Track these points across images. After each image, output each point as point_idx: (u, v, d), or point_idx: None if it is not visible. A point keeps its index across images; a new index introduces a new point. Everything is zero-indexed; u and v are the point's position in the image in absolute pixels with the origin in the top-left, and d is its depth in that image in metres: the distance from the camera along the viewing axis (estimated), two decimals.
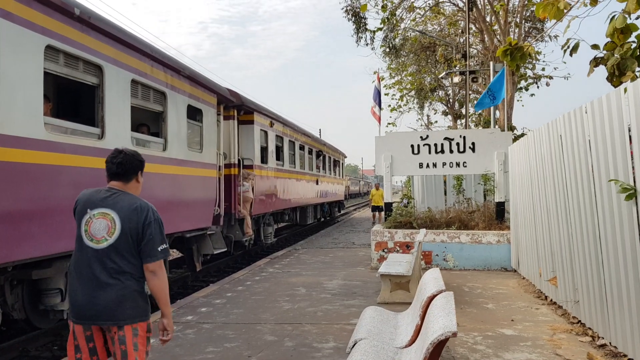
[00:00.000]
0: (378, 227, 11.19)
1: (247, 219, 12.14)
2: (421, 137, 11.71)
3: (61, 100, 8.00)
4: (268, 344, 5.56)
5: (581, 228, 5.65)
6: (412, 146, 11.57)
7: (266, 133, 14.05)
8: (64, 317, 6.33)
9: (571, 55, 5.90)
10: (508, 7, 17.12)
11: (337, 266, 10.96)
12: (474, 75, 18.38)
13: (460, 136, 11.54)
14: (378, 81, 13.96)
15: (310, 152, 20.25)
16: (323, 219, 25.71)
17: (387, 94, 26.33)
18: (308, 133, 20.13)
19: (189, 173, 9.00)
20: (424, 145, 11.55)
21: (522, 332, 5.81)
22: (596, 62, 5.99)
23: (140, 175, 3.26)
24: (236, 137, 12.07)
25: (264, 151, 13.93)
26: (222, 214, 10.74)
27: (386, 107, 27.03)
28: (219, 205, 10.50)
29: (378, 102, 13.57)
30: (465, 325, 6.07)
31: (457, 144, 11.39)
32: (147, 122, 8.50)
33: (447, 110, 28.13)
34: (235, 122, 12.04)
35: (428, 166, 11.54)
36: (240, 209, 11.77)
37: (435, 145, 11.51)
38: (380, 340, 3.97)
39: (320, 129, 58.56)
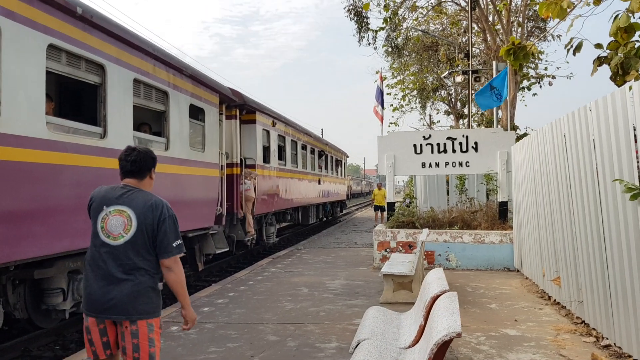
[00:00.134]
0: (380, 227, 11.17)
1: (249, 219, 12.11)
2: (424, 137, 11.67)
3: (63, 99, 8.00)
4: (270, 344, 5.55)
5: (585, 228, 5.61)
6: (415, 146, 11.53)
7: (268, 132, 14.03)
8: (66, 317, 6.33)
9: (574, 54, 5.87)
10: (510, 7, 17.09)
11: (340, 266, 10.94)
12: (477, 74, 18.35)
13: (463, 136, 11.50)
14: (380, 81, 13.96)
15: (312, 152, 20.22)
16: (325, 219, 25.69)
17: (390, 94, 26.33)
18: (310, 133, 20.10)
19: (191, 172, 8.99)
20: (427, 144, 11.51)
21: (526, 333, 5.79)
22: (600, 61, 5.97)
23: (153, 171, 3.31)
24: (238, 137, 12.04)
25: (266, 151, 13.91)
26: (225, 214, 10.73)
27: (388, 107, 27.07)
28: (221, 204, 10.48)
29: (380, 102, 13.57)
30: (468, 325, 6.05)
31: (460, 144, 11.35)
32: (150, 122, 8.49)
33: (450, 110, 28.10)
34: (237, 122, 12.02)
35: (431, 166, 11.50)
36: (241, 209, 11.76)
37: (438, 144, 11.46)
38: (383, 340, 3.94)
39: (322, 129, 58.66)
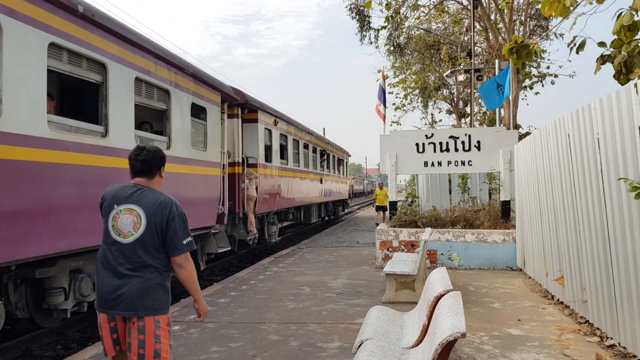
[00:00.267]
0: (383, 226, 11.14)
1: (251, 218, 12.09)
2: (426, 136, 11.63)
3: (65, 98, 7.98)
4: (273, 344, 5.52)
5: (589, 227, 5.58)
6: (417, 144, 11.49)
7: (270, 132, 14.00)
8: (68, 316, 6.32)
9: (577, 52, 5.82)
10: (513, 5, 17.03)
11: (342, 265, 10.92)
12: (479, 73, 18.29)
13: (465, 134, 11.45)
14: (383, 79, 13.91)
15: (314, 151, 20.19)
16: (327, 218, 25.66)
17: (392, 93, 26.28)
18: (312, 132, 20.07)
19: (193, 172, 8.97)
20: (429, 143, 11.47)
21: (529, 332, 5.75)
22: (603, 60, 5.92)
23: (162, 170, 3.36)
24: (240, 136, 12.02)
25: (268, 150, 13.88)
26: (226, 213, 10.71)
27: (390, 106, 27.01)
28: (223, 204, 10.46)
29: (383, 101, 13.53)
30: (471, 325, 6.01)
31: (463, 143, 11.31)
32: (151, 120, 8.47)
33: (452, 109, 28.05)
34: (239, 121, 11.99)
35: (433, 165, 11.46)
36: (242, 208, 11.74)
37: (440, 143, 11.42)
38: (386, 340, 3.92)
39: (324, 128, 58.78)
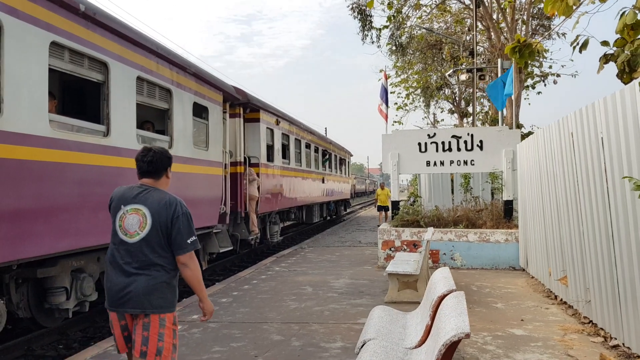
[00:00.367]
0: (385, 226, 11.11)
1: (253, 217, 12.08)
2: (428, 135, 11.60)
3: (66, 97, 7.96)
4: (275, 344, 5.50)
5: (593, 226, 5.55)
6: (420, 144, 11.46)
7: (272, 131, 13.98)
8: (69, 316, 6.32)
9: (580, 52, 5.80)
10: (515, 4, 16.99)
11: (344, 265, 10.89)
12: (481, 73, 18.25)
13: (468, 134, 11.43)
14: (385, 79, 13.88)
15: (316, 151, 20.17)
16: (329, 218, 25.65)
17: (394, 92, 26.27)
18: (314, 131, 20.05)
19: (195, 171, 8.95)
20: (432, 143, 11.44)
21: (533, 332, 5.72)
22: (606, 59, 5.89)
23: (169, 171, 3.40)
24: (242, 135, 12.00)
25: (270, 149, 13.86)
26: (228, 212, 10.69)
27: (392, 106, 26.97)
28: (225, 203, 10.45)
29: (385, 100, 13.51)
30: (474, 325, 5.98)
31: (465, 142, 11.28)
32: (153, 120, 8.46)
33: (454, 108, 28.01)
34: (241, 120, 11.98)
35: (435, 164, 11.43)
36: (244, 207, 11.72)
37: (442, 143, 11.39)
38: (389, 340, 3.90)
39: (326, 128, 58.75)
